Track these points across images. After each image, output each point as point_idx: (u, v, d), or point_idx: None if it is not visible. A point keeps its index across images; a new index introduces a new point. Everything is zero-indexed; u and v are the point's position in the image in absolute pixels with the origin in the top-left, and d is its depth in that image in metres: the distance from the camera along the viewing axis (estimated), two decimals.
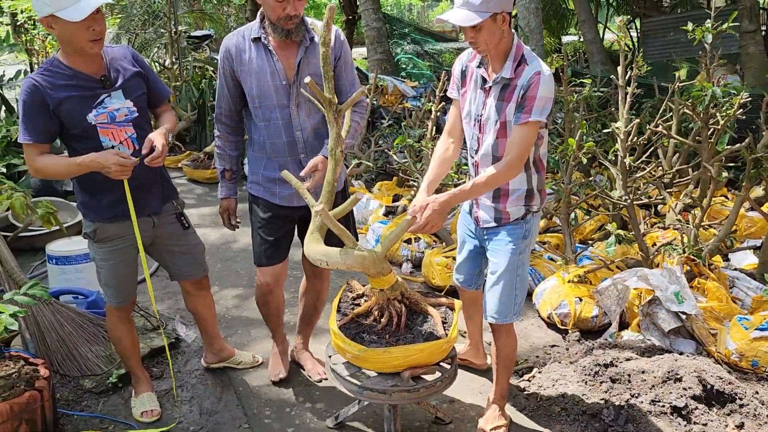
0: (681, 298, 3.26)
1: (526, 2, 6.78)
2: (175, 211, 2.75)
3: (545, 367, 3.15)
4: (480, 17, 2.25)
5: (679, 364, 2.85)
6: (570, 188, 3.95)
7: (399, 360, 2.22)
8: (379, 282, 2.29)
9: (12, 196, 3.20)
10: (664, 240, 4.29)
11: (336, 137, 2.23)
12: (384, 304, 2.34)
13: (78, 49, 2.33)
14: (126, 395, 2.96)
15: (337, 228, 2.16)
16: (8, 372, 2.49)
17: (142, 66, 2.59)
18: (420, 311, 2.40)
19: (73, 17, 2.19)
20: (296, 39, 2.62)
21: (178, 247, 2.78)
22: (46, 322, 3.02)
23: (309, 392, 3.00)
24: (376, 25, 8.42)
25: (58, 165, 2.42)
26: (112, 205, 2.52)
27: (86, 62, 2.39)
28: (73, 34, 2.26)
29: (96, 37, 2.30)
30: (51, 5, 2.21)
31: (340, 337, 2.27)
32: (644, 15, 13.29)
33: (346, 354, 2.31)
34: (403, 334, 2.29)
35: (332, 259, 2.19)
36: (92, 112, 2.41)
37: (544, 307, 3.67)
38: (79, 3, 2.20)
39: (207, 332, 3.09)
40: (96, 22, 2.27)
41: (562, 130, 5.03)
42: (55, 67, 2.38)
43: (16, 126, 4.76)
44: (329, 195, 2.27)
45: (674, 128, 4.76)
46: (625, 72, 4.23)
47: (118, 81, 2.47)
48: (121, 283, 2.69)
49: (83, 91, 2.39)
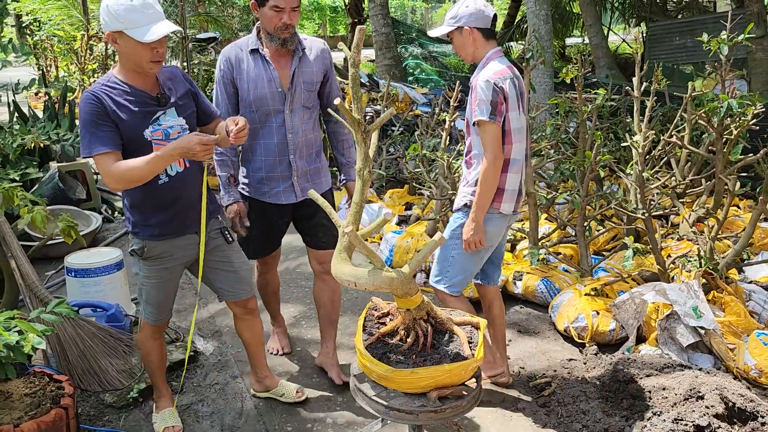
0: (699, 312, 3.26)
1: (536, 10, 6.78)
2: (219, 226, 2.77)
3: (564, 382, 3.16)
4: (447, 29, 2.83)
5: (699, 381, 2.85)
6: (586, 200, 3.95)
7: (426, 381, 2.22)
8: (405, 302, 2.29)
9: (33, 210, 3.20)
10: (678, 250, 4.30)
11: (364, 158, 2.23)
12: (410, 324, 2.34)
13: (138, 67, 2.39)
14: (147, 410, 2.97)
15: (366, 249, 2.17)
16: (34, 389, 2.51)
17: (191, 85, 2.65)
18: (446, 330, 2.40)
19: (142, 38, 2.28)
20: (291, 48, 2.88)
21: (222, 264, 2.76)
22: (67, 337, 3.02)
23: (330, 408, 3.01)
24: (385, 31, 8.42)
25: (139, 165, 2.34)
26: (162, 223, 2.55)
27: (143, 80, 2.46)
28: (137, 53, 2.34)
29: (157, 59, 2.38)
30: (123, 23, 2.29)
31: (366, 357, 2.28)
32: (650, 19, 13.30)
33: (372, 374, 2.31)
34: (429, 354, 2.30)
35: (360, 280, 2.19)
36: (149, 128, 2.46)
37: (560, 321, 3.68)
38: (150, 26, 2.29)
39: (251, 358, 3.04)
40: (160, 45, 2.36)
41: (576, 139, 5.04)
42: (113, 83, 2.43)
43: (31, 134, 4.79)
44: (357, 215, 2.27)
45: (686, 138, 4.77)
46: (640, 82, 4.24)
47: (171, 99, 2.53)
48: (162, 302, 2.70)
49: (141, 107, 2.44)
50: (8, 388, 2.50)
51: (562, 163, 4.34)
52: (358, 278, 2.20)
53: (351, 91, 2.21)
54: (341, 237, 2.30)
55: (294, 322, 3.87)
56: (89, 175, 5.74)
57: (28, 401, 2.45)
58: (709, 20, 11.42)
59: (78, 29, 11.65)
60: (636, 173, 3.75)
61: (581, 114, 4.59)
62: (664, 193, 4.71)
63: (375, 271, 2.20)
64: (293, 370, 3.35)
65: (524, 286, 4.07)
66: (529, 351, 3.55)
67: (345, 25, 14.88)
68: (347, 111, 2.15)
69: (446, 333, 2.40)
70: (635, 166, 3.76)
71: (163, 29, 2.30)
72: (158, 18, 2.33)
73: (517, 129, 2.82)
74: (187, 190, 2.54)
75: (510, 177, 2.86)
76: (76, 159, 5.70)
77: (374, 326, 2.44)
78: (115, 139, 2.38)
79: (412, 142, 6.13)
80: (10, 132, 4.81)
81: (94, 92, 2.39)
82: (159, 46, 2.35)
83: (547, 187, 5.05)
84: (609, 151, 4.96)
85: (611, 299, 3.68)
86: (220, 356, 3.46)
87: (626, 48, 15.30)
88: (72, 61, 10.90)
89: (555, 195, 4.41)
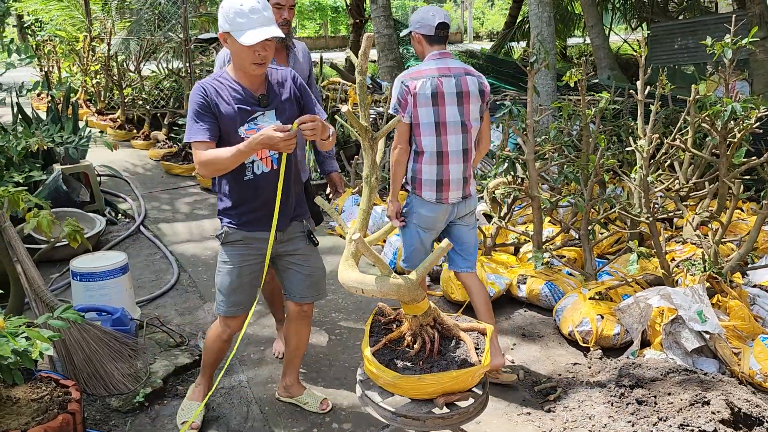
0: (704, 317, 3.27)
1: (539, 12, 6.77)
2: (305, 230, 2.81)
3: (569, 387, 3.16)
4: (406, 32, 3.27)
5: (705, 386, 2.86)
6: (591, 204, 3.95)
7: (433, 387, 2.23)
8: (412, 308, 2.30)
9: (39, 214, 3.21)
10: (682, 254, 4.30)
11: (371, 164, 2.23)
12: (417, 330, 2.34)
13: (242, 67, 2.52)
14: (153, 414, 2.98)
15: (373, 257, 2.17)
16: (41, 395, 2.51)
17: (300, 91, 2.70)
18: (452, 336, 2.41)
19: (243, 41, 2.40)
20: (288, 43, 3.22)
21: (299, 267, 2.79)
22: (72, 341, 3.03)
23: (336, 414, 3.01)
24: (387, 32, 8.42)
25: (222, 154, 2.45)
26: (241, 214, 2.67)
27: (250, 79, 2.57)
28: (241, 54, 2.47)
29: (260, 61, 2.48)
30: (231, 25, 2.44)
31: (373, 363, 2.28)
32: (651, 20, 13.28)
33: (379, 380, 2.32)
34: (436, 360, 2.30)
35: (367, 287, 2.20)
36: (244, 126, 2.55)
37: (565, 324, 3.68)
38: (253, 30, 2.41)
39: (287, 364, 3.04)
40: (263, 48, 2.45)
41: (579, 142, 5.04)
42: (223, 78, 2.58)
43: (35, 137, 4.79)
44: (364, 222, 2.28)
45: (689, 141, 4.77)
46: (644, 86, 4.24)
47: (273, 101, 2.62)
48: (231, 291, 2.72)
49: (242, 104, 2.55)
50: (15, 393, 2.51)
51: (566, 166, 4.34)
52: (365, 285, 2.20)
53: (358, 98, 2.21)
54: (348, 243, 2.30)
55: None
56: (93, 178, 5.74)
57: (35, 406, 2.45)
58: (711, 21, 11.40)
59: (80, 30, 11.65)
60: (640, 177, 3.75)
61: (585, 117, 4.59)
62: (668, 196, 4.71)
63: (382, 278, 2.20)
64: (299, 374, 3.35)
65: (528, 289, 4.07)
66: (533, 355, 3.55)
67: (346, 26, 14.88)
68: (354, 118, 2.16)
69: (453, 339, 2.41)
70: (639, 170, 3.77)
71: (263, 35, 2.39)
72: (263, 23, 2.43)
73: (428, 123, 3.09)
74: (269, 190, 2.61)
75: (425, 167, 3.13)
76: (80, 161, 5.69)
77: (381, 332, 2.45)
78: (213, 130, 2.52)
79: None
80: (14, 134, 4.81)
81: (203, 84, 2.55)
82: (261, 49, 2.44)
83: (551, 190, 5.06)
84: (612, 154, 4.96)
85: (616, 303, 3.68)
86: (226, 360, 3.45)
87: (628, 49, 15.30)
88: (74, 62, 10.90)
89: (558, 198, 4.41)
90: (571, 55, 18.44)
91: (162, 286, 4.38)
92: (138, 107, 9.26)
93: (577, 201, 4.07)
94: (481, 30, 33.66)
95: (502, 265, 4.33)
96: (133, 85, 9.51)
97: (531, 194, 4.12)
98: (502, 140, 5.25)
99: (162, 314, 3.96)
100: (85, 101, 10.27)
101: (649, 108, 4.42)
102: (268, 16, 2.45)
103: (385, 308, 2.59)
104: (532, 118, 4.06)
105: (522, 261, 4.50)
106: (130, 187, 6.64)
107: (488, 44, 20.62)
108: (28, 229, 3.15)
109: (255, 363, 3.45)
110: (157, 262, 4.84)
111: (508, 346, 3.65)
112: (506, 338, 3.73)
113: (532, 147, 4.07)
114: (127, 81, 9.57)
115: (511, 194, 4.48)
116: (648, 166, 3.72)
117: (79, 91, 10.38)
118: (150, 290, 4.33)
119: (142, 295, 4.21)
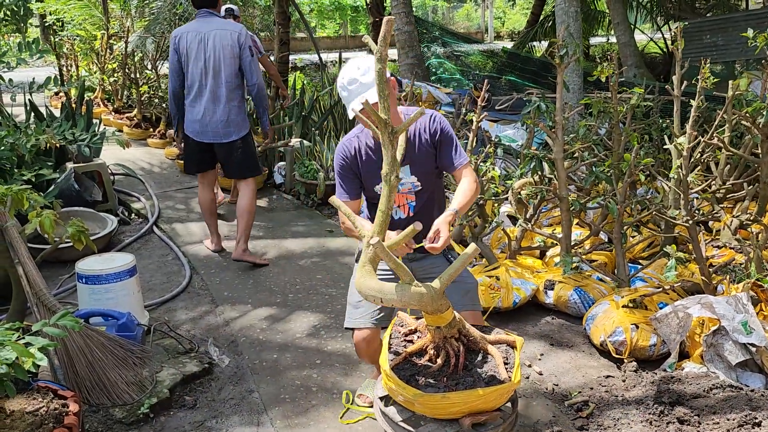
0: (749, 328, 3.03)
1: (565, 6, 6.53)
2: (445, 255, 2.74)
3: (602, 402, 2.94)
4: None
5: (754, 404, 2.63)
6: (624, 206, 3.72)
7: (458, 407, 2.03)
8: (435, 319, 2.10)
9: (41, 214, 3.05)
10: (720, 259, 4.05)
11: (392, 161, 2.04)
12: (440, 343, 2.15)
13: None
14: (158, 426, 2.81)
15: (393, 262, 1.98)
16: (36, 407, 2.35)
17: (441, 134, 2.61)
18: (479, 350, 2.21)
19: (350, 114, 2.47)
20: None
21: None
22: (75, 347, 2.87)
23: (351, 426, 2.82)
24: (408, 29, 8.23)
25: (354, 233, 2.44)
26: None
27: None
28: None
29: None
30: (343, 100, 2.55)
31: (392, 379, 2.08)
32: (679, 17, 12.94)
33: (398, 396, 2.12)
34: (461, 376, 2.10)
35: (387, 295, 2.00)
36: (379, 185, 2.51)
37: (596, 334, 3.45)
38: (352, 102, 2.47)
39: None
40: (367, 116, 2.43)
41: (608, 141, 4.81)
42: (363, 134, 2.66)
43: (46, 134, 4.66)
44: (383, 225, 2.08)
45: (726, 140, 4.51)
46: (680, 82, 4.01)
47: (407, 155, 2.57)
48: (355, 305, 2.67)
49: (378, 162, 2.47)
50: (9, 405, 2.35)
51: (596, 166, 4.11)
52: (384, 293, 2.01)
53: (378, 89, 2.02)
54: (365, 248, 2.11)
55: (313, 332, 3.68)
56: (106, 176, 5.62)
57: (29, 420, 2.29)
58: (741, 18, 11.07)
59: (99, 28, 11.61)
60: (680, 177, 3.51)
61: (616, 115, 4.36)
62: (704, 198, 4.45)
63: (403, 286, 2.01)
64: (312, 384, 3.16)
65: (556, 296, 3.85)
66: (562, 366, 3.33)
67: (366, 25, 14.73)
68: (374, 111, 1.97)
69: (479, 353, 2.21)
70: (678, 169, 3.53)
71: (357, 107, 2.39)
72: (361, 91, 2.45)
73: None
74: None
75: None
76: (93, 160, 5.57)
77: (401, 344, 2.25)
78: (354, 191, 2.68)
79: None
80: (24, 132, 4.68)
81: (344, 144, 2.66)
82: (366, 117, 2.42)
83: (578, 191, 4.82)
84: (645, 154, 4.71)
85: (651, 312, 3.45)
86: (236, 369, 3.29)
87: (653, 48, 14.93)
88: (92, 61, 10.85)
89: (588, 199, 4.18)
90: (594, 54, 18.06)
91: (173, 288, 4.22)
92: (154, 105, 9.17)
93: (608, 202, 3.84)
94: (502, 30, 33.31)
95: (527, 270, 4.11)
96: (150, 84, 9.42)
97: (560, 195, 3.90)
98: (527, 139, 5.02)
99: (172, 319, 3.80)
100: (102, 100, 10.21)
101: (687, 105, 4.17)
102: (365, 82, 2.46)
103: (405, 318, 2.39)
104: (562, 115, 3.85)
105: (549, 265, 4.27)
106: (144, 186, 6.51)
107: (509, 44, 20.31)
108: (30, 229, 3.00)
109: (267, 371, 3.27)
110: (169, 264, 4.69)
111: (536, 356, 3.43)
112: (533, 347, 3.51)
113: (561, 145, 3.85)
114: (144, 79, 9.48)
115: (538, 195, 4.25)
116: (688, 165, 3.48)
117: (97, 90, 10.32)
118: (161, 293, 4.17)
119: (153, 298, 4.06)
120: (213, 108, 4.47)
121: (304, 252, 4.94)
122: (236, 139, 4.56)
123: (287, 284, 4.34)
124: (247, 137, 4.63)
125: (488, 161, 4.48)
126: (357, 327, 2.64)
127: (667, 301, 3.52)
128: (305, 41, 22.44)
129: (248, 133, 4.65)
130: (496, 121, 6.85)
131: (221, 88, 4.46)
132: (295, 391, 3.09)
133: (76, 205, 5.02)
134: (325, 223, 5.61)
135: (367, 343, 2.63)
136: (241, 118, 4.57)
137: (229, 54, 4.43)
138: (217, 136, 4.53)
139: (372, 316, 2.62)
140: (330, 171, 6.12)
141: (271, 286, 4.30)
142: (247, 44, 4.49)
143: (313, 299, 4.11)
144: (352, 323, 2.66)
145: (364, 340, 2.63)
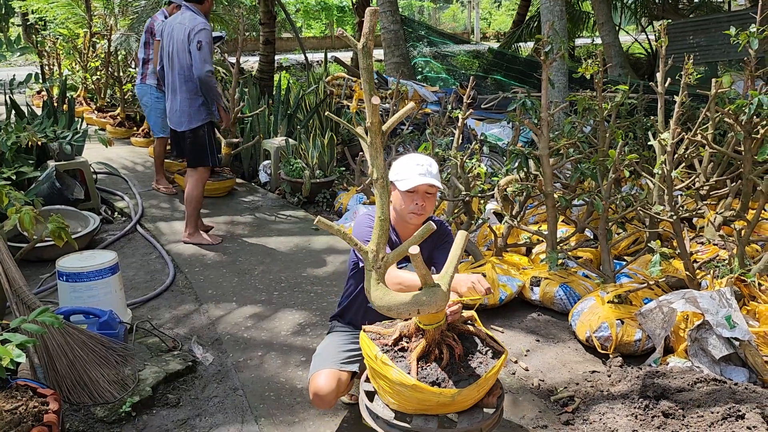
0: (733, 322, 3.04)
1: (550, 5, 6.55)
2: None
3: (588, 397, 2.94)
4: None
5: (737, 397, 2.63)
6: (609, 202, 3.73)
7: (485, 388, 2.08)
8: (433, 317, 2.08)
9: (21, 210, 3.00)
10: (704, 255, 4.07)
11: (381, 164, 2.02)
12: (439, 339, 2.13)
13: (401, 216, 2.59)
14: (140, 425, 2.77)
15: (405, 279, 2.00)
16: (15, 405, 2.30)
17: (442, 241, 2.65)
18: (460, 332, 2.23)
19: (402, 186, 2.52)
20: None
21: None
22: (55, 346, 2.82)
23: (336, 423, 2.80)
24: (394, 28, 8.21)
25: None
26: (355, 321, 2.73)
27: (406, 229, 2.62)
28: (401, 201, 2.56)
29: (418, 212, 2.54)
30: (396, 174, 2.56)
31: (422, 391, 2.03)
32: (663, 18, 13.03)
33: (427, 405, 2.07)
34: (466, 362, 2.11)
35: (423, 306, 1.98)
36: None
37: (582, 330, 3.46)
38: (411, 179, 2.50)
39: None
40: (422, 199, 2.53)
41: (594, 139, 4.82)
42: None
43: (26, 132, 4.59)
44: (383, 234, 2.03)
45: (709, 137, 4.54)
46: (664, 79, 4.02)
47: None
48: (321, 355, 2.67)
49: (395, 244, 2.56)
50: None
51: (581, 163, 4.12)
52: (421, 304, 1.97)
53: (365, 85, 1.99)
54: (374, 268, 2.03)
55: (299, 329, 3.66)
56: (88, 175, 5.55)
57: (8, 418, 2.24)
58: (724, 19, 11.17)
59: (82, 27, 11.48)
60: (664, 173, 3.52)
61: (601, 112, 4.37)
62: (688, 194, 4.48)
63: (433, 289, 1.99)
64: (296, 381, 3.14)
65: (542, 292, 3.85)
66: (548, 362, 3.33)
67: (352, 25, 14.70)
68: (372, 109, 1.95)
69: (462, 335, 2.23)
70: (662, 165, 3.54)
71: (423, 180, 2.47)
72: (425, 174, 2.50)
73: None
74: None
75: None
76: (75, 158, 5.50)
77: (398, 357, 2.18)
78: None
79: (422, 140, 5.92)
80: (5, 129, 4.61)
81: (370, 216, 2.61)
82: (420, 199, 2.52)
83: (563, 188, 4.83)
84: (630, 150, 4.73)
85: (636, 307, 3.46)
86: (221, 367, 3.25)
87: (636, 48, 15.03)
88: (75, 60, 10.74)
89: (574, 196, 4.19)
90: (578, 54, 18.14)
91: (157, 287, 4.18)
92: (138, 104, 9.08)
93: (593, 199, 3.84)
94: (488, 30, 33.38)
95: (514, 267, 4.11)
96: (134, 82, 9.33)
97: (545, 192, 3.90)
98: (513, 136, 5.03)
99: (155, 317, 3.76)
100: (85, 98, 10.10)
101: (671, 103, 4.19)
102: (431, 171, 2.52)
103: (374, 329, 2.33)
104: (547, 112, 3.85)
105: (535, 262, 4.28)
106: (128, 185, 6.44)
107: (495, 44, 20.36)
108: (9, 226, 2.95)
109: (251, 369, 3.24)
110: (153, 263, 4.64)
111: (522, 352, 3.43)
112: (519, 344, 3.51)
113: (546, 142, 3.86)
114: (127, 77, 9.39)
115: (524, 192, 4.25)
116: (672, 161, 3.50)
117: (80, 88, 10.21)
118: (144, 291, 4.12)
119: (136, 297, 4.01)
120: (172, 97, 4.87)
121: (289, 250, 4.91)
122: (186, 130, 4.86)
123: (272, 282, 4.31)
124: (198, 130, 4.85)
125: (474, 158, 4.48)
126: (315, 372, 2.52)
127: (652, 297, 3.54)
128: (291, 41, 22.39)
129: (200, 127, 4.84)
130: (482, 120, 6.86)
131: (176, 80, 4.79)
132: (280, 389, 3.06)
133: (57, 204, 4.96)
134: (311, 221, 5.58)
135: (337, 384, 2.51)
136: (194, 110, 4.81)
137: (181, 48, 4.70)
138: (173, 124, 4.94)
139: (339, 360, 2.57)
140: (315, 169, 6.09)
141: (256, 284, 4.27)
142: (197, 39, 4.65)
143: (298, 297, 4.08)
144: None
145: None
